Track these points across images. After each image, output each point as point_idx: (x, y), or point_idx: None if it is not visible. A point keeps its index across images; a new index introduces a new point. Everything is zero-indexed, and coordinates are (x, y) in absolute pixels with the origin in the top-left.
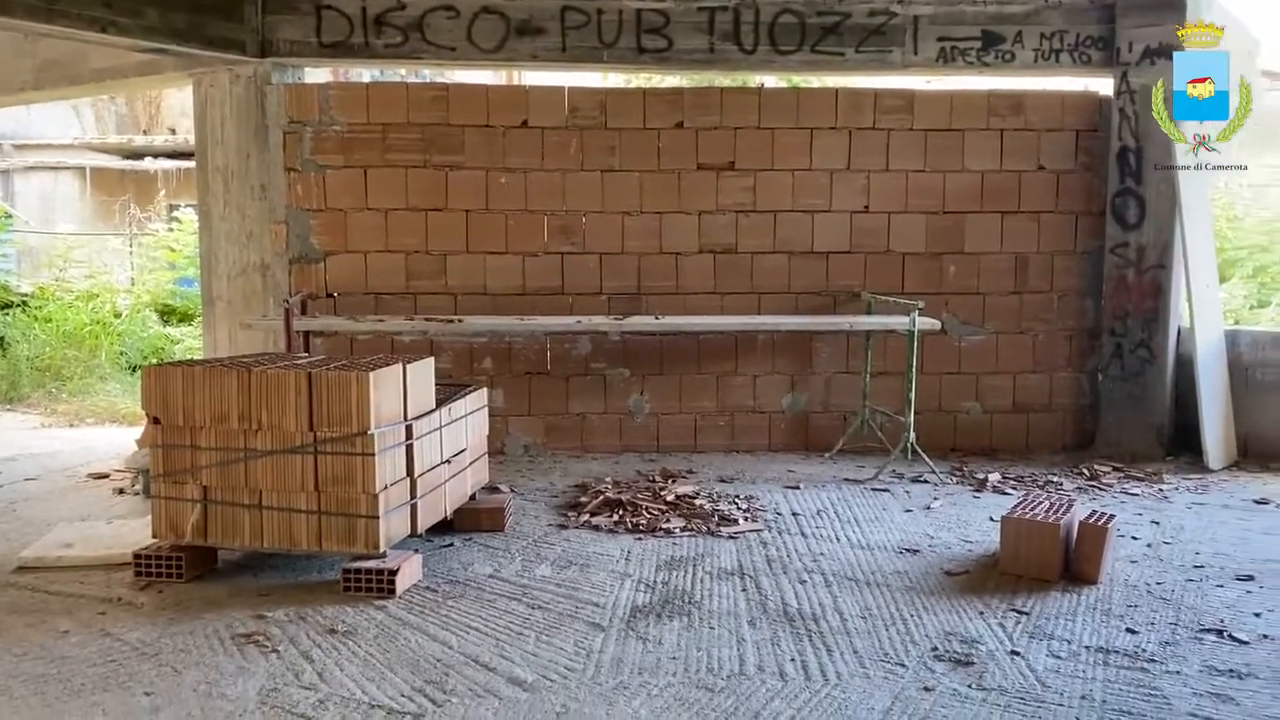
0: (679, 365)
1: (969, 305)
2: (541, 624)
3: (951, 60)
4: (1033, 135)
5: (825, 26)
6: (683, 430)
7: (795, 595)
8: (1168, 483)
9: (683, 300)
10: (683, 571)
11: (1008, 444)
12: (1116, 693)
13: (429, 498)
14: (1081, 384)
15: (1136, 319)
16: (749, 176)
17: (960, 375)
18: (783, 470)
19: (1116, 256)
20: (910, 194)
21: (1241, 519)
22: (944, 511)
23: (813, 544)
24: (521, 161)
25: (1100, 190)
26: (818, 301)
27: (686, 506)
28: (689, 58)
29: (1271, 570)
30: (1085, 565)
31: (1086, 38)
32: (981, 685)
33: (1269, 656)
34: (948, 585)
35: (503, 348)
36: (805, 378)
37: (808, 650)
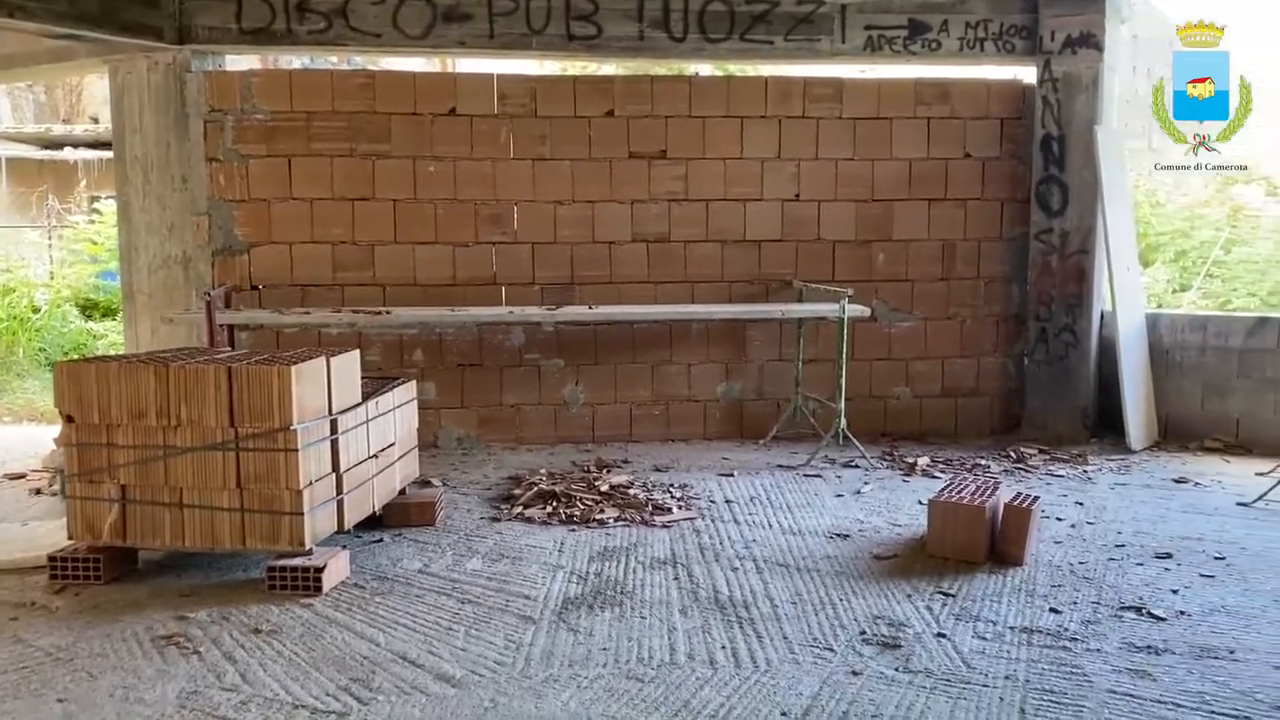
0: (614, 355)
1: (898, 292)
2: (471, 618)
3: (879, 49)
4: (959, 123)
5: (754, 15)
6: (618, 420)
7: (727, 583)
8: (1091, 464)
9: (617, 290)
10: (616, 562)
11: (937, 428)
12: (1039, 672)
13: (356, 493)
14: (1008, 368)
15: (1060, 304)
16: (681, 165)
17: (890, 361)
18: (717, 458)
19: (1041, 242)
20: (840, 182)
21: (1161, 498)
22: (874, 496)
23: (745, 531)
24: (450, 150)
25: (1025, 177)
26: (751, 290)
27: (621, 496)
28: (619, 45)
29: (1189, 548)
30: (1010, 547)
31: (1010, 26)
32: (908, 668)
33: (1185, 632)
34: (877, 569)
35: (434, 340)
36: (739, 366)
37: (738, 637)
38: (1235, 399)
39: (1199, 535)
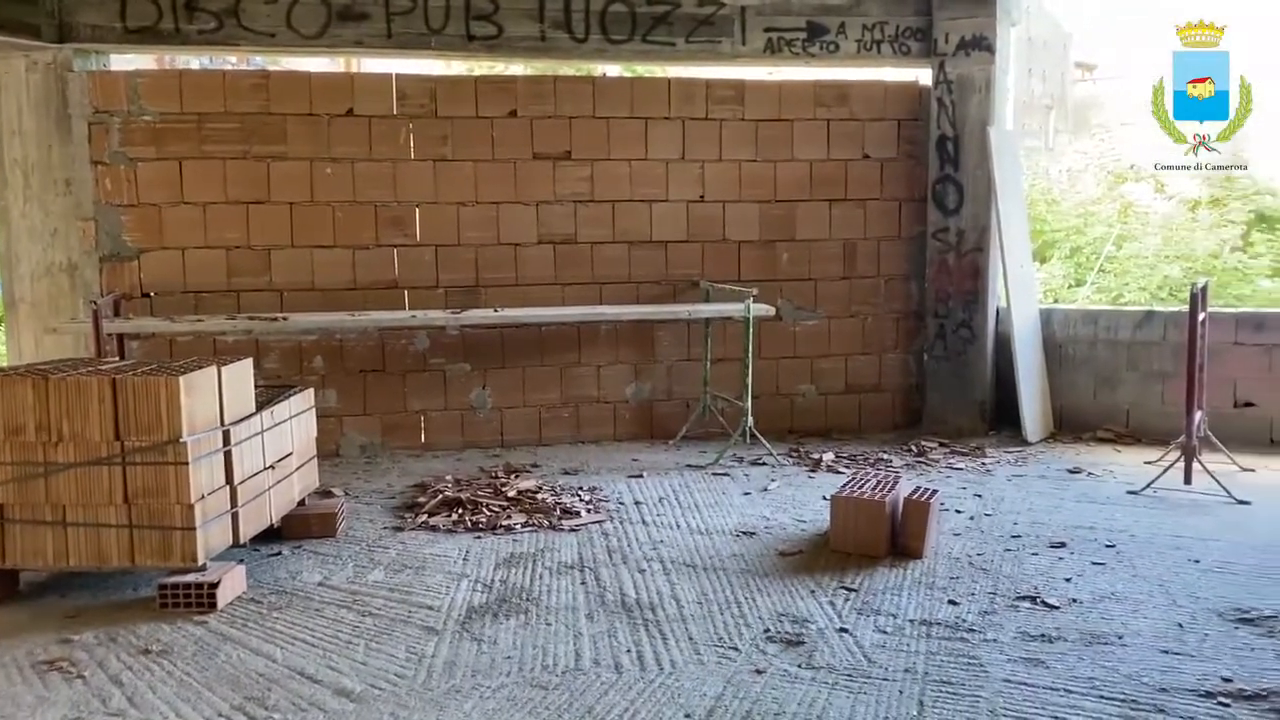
0: (521, 358)
1: (802, 291)
2: (372, 631)
3: (779, 51)
4: (858, 125)
5: (656, 16)
6: (527, 423)
7: (634, 585)
8: (989, 456)
9: (523, 292)
10: (522, 568)
11: (842, 424)
12: (938, 664)
13: (252, 505)
14: (909, 364)
15: (958, 300)
16: (586, 166)
17: (796, 359)
18: (627, 459)
19: (938, 241)
20: (743, 183)
21: (1056, 488)
22: (780, 493)
23: (653, 532)
24: (349, 151)
25: (922, 177)
26: (658, 290)
27: (528, 501)
28: (520, 45)
29: (1082, 536)
30: (911, 540)
31: (906, 29)
32: (811, 664)
33: (1076, 620)
34: (781, 566)
35: (334, 345)
36: (648, 366)
37: (644, 640)
38: (1125, 390)
39: (1091, 524)
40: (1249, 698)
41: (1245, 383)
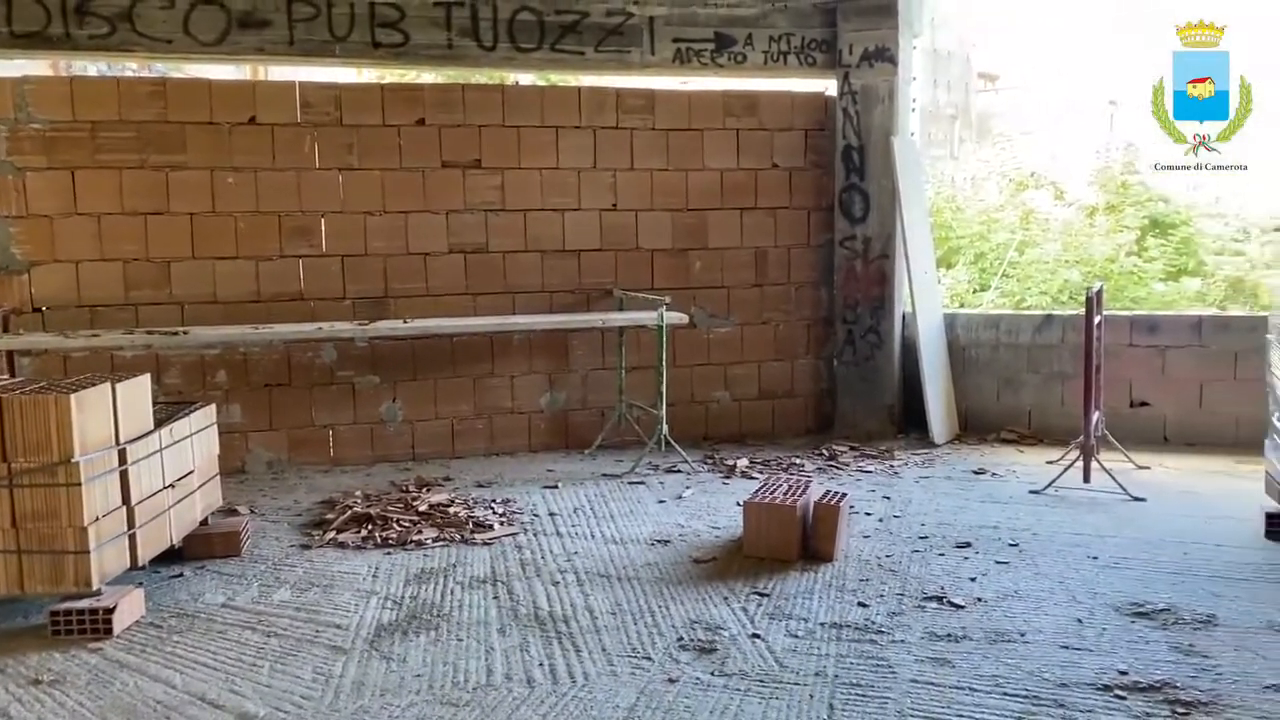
0: (433, 369)
1: (715, 298)
2: (278, 652)
3: (687, 61)
4: (766, 134)
5: (564, 25)
6: (439, 436)
7: (548, 598)
8: (898, 459)
9: (434, 302)
10: (433, 584)
11: (756, 430)
12: (848, 666)
13: (150, 526)
14: (820, 370)
15: (866, 306)
16: (497, 175)
17: (710, 366)
18: (542, 470)
19: (845, 249)
20: (655, 192)
21: (962, 489)
22: (695, 500)
23: (568, 543)
24: (251, 160)
25: (829, 186)
26: (571, 299)
27: (440, 515)
28: (427, 53)
29: (986, 536)
30: (822, 544)
31: (811, 40)
32: (723, 671)
33: (981, 619)
34: (695, 573)
35: (238, 359)
36: (563, 376)
37: (557, 653)
38: (1027, 392)
39: (995, 523)
40: (1143, 689)
41: (1140, 383)
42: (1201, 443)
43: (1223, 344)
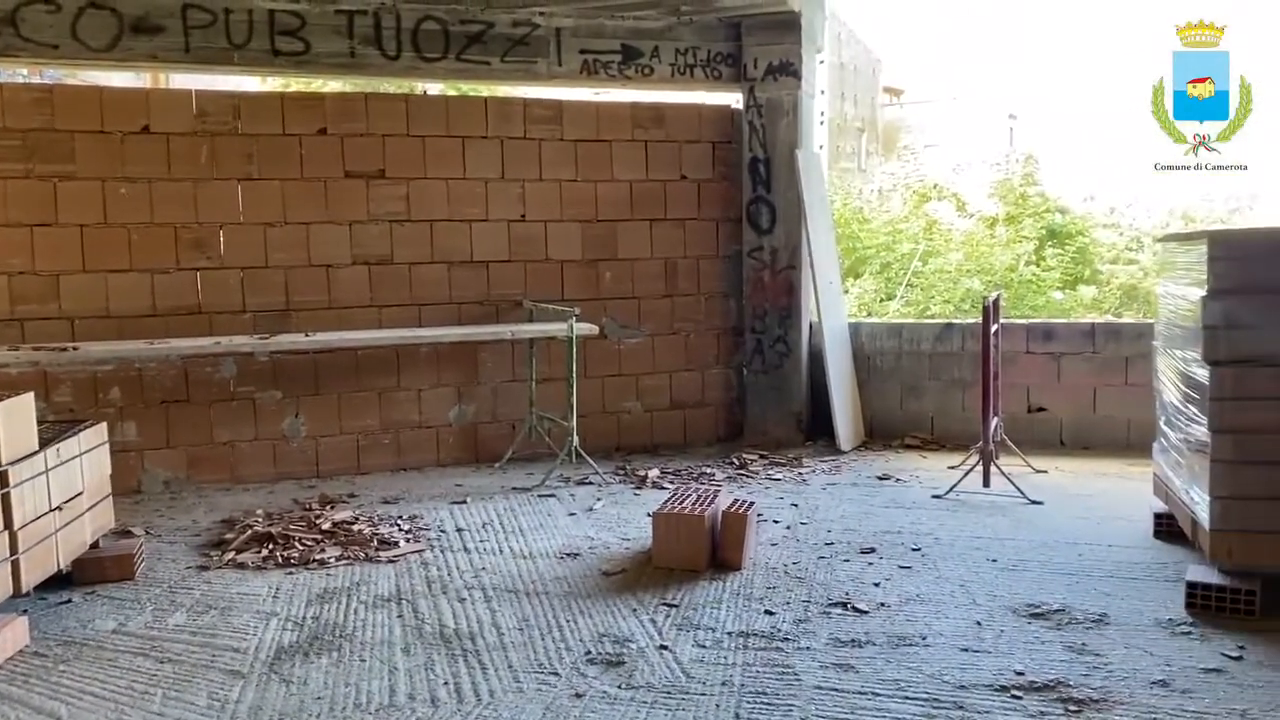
0: (337, 383)
1: (626, 309)
2: (171, 679)
3: (595, 72)
4: (674, 146)
5: (470, 35)
6: (344, 452)
7: (454, 615)
8: (806, 466)
9: (337, 315)
10: (336, 603)
11: (667, 440)
12: (754, 675)
13: (36, 551)
14: (730, 379)
15: (774, 316)
16: (402, 185)
17: (621, 377)
18: (451, 485)
19: (753, 259)
20: (564, 203)
21: (867, 495)
22: (606, 512)
23: (475, 559)
24: (144, 170)
25: (737, 197)
26: (480, 311)
27: (344, 533)
28: (329, 62)
29: (890, 541)
30: (730, 553)
31: (717, 54)
32: (630, 684)
33: (884, 623)
34: (605, 586)
35: (133, 375)
36: (471, 388)
37: (462, 671)
38: (929, 398)
39: (899, 529)
40: (1039, 689)
41: (1037, 389)
42: (1095, 445)
43: (1114, 350)
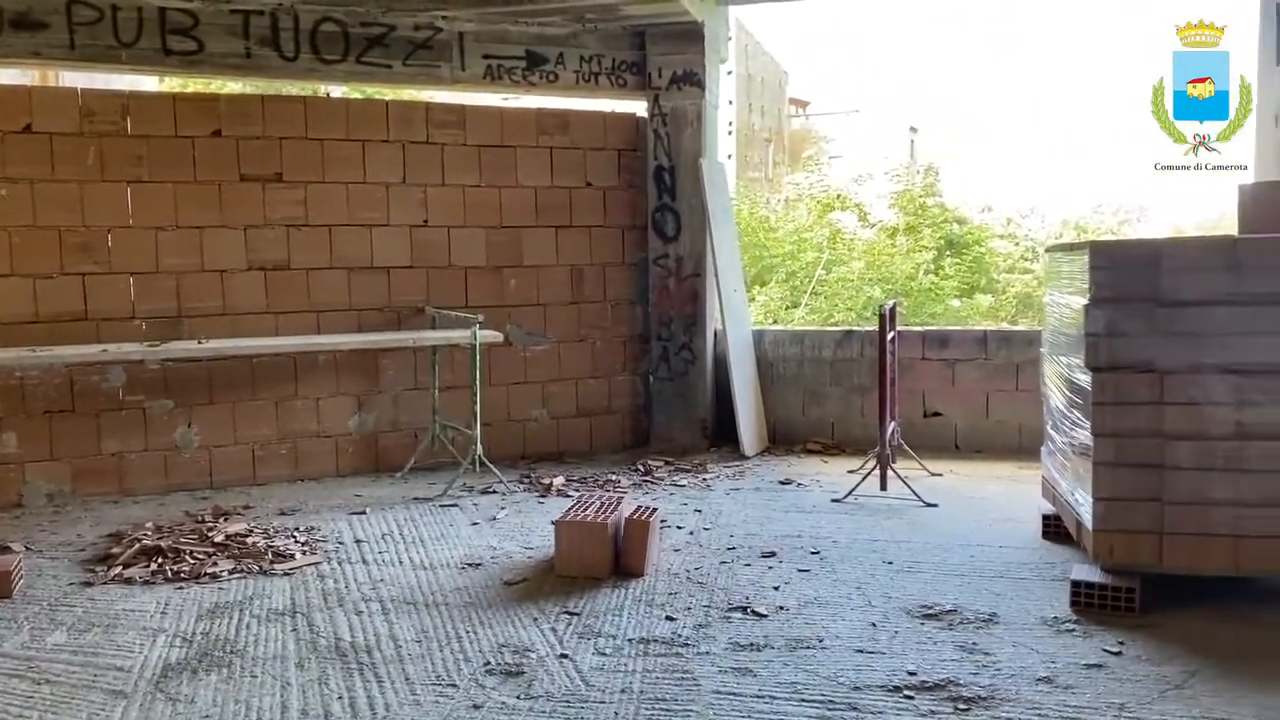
0: (232, 392)
1: (532, 316)
2: (49, 701)
3: (499, 78)
4: (580, 153)
5: (370, 38)
6: (239, 462)
7: (350, 628)
8: (710, 472)
9: (232, 322)
10: (227, 618)
11: (574, 447)
12: (653, 681)
13: None
14: (636, 386)
15: (679, 323)
16: (299, 189)
17: (527, 384)
18: (350, 495)
19: (659, 267)
20: (468, 209)
21: (769, 500)
22: (510, 521)
23: (374, 571)
24: (27, 171)
25: (643, 205)
26: (381, 318)
27: (238, 546)
28: (223, 62)
29: (790, 545)
30: (632, 559)
31: (622, 62)
32: (529, 694)
33: (783, 626)
34: (506, 596)
35: (13, 384)
36: (372, 397)
37: (357, 685)
38: (830, 404)
39: (799, 532)
40: (930, 688)
41: (932, 394)
42: (988, 449)
43: (1005, 357)
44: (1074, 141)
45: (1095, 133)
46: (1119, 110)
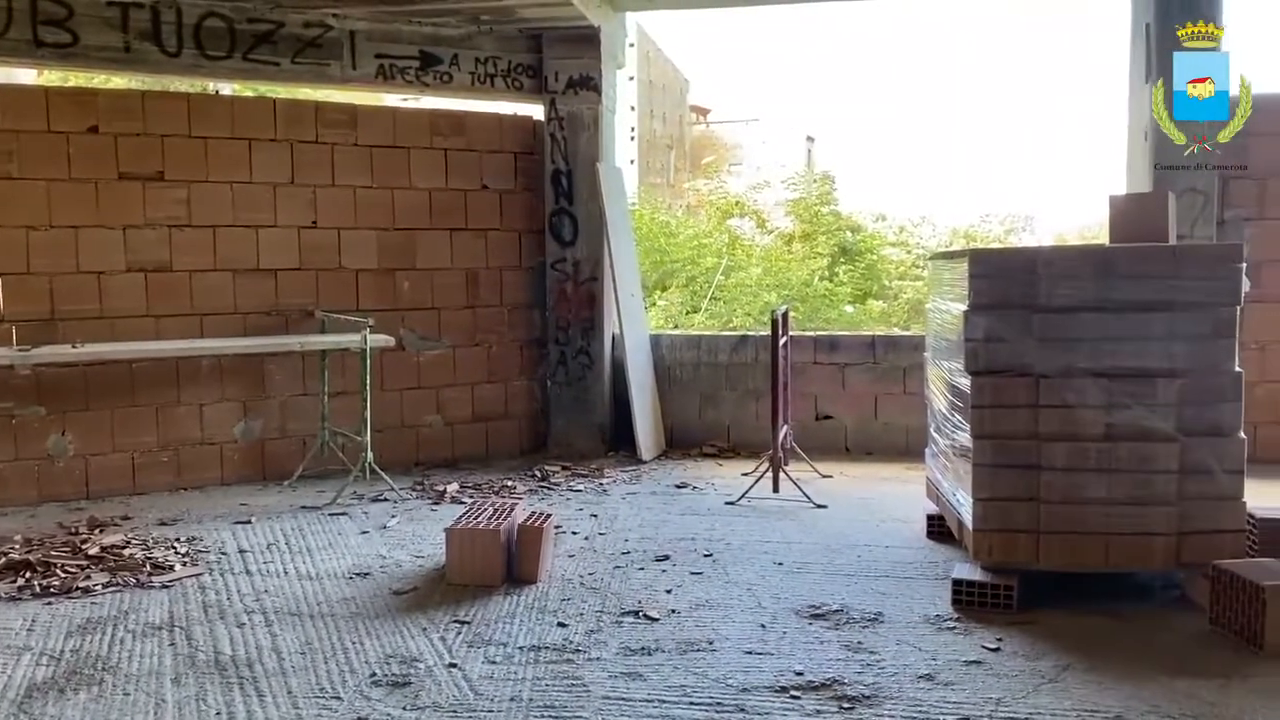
0: (109, 399)
1: (425, 320)
2: None
3: (391, 78)
4: (475, 155)
5: (258, 34)
6: (118, 471)
7: (231, 641)
8: (608, 476)
9: (109, 325)
10: (100, 634)
11: (469, 453)
12: (543, 689)
13: None
14: (534, 391)
15: (577, 328)
16: (182, 188)
17: (421, 390)
18: (235, 505)
19: (557, 271)
20: (359, 210)
21: (664, 504)
22: (400, 529)
23: (258, 581)
24: None
25: (540, 209)
26: (269, 321)
27: (114, 558)
28: (100, 56)
29: (684, 548)
30: (526, 566)
31: (518, 65)
32: (416, 705)
33: (674, 630)
34: (394, 605)
35: None
36: (259, 403)
37: (237, 700)
38: (726, 408)
39: (693, 535)
40: (816, 688)
41: (824, 397)
42: (878, 451)
43: (893, 361)
44: (967, 152)
45: (988, 144)
46: (1013, 121)
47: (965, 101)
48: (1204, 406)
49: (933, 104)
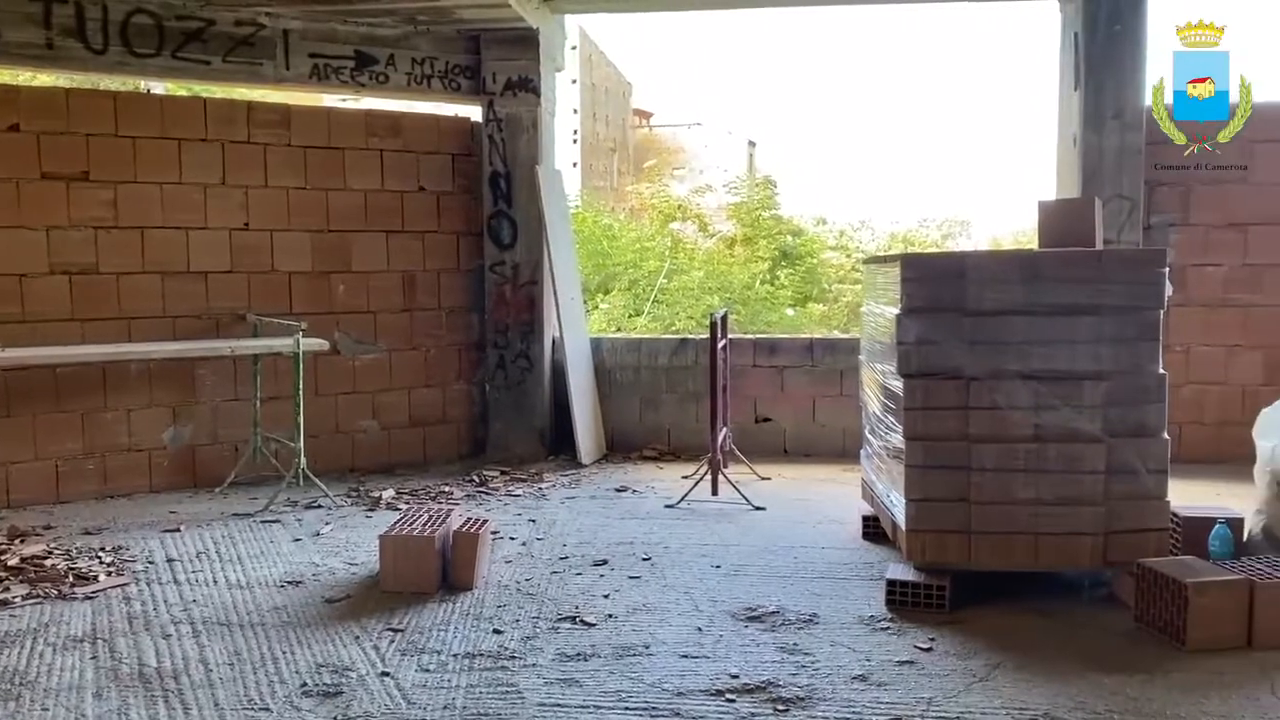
0: (31, 405)
1: (361, 324)
2: None
3: (326, 78)
4: (412, 157)
5: (187, 32)
6: (40, 480)
7: (156, 653)
8: (547, 481)
9: (32, 329)
10: (18, 648)
11: (406, 458)
12: (477, 697)
13: None
14: (472, 395)
15: (516, 331)
16: (109, 189)
17: (356, 394)
18: (164, 512)
19: (495, 274)
20: (293, 212)
21: (604, 508)
22: (334, 536)
23: (186, 591)
24: None
25: (478, 212)
26: (199, 325)
27: (35, 569)
28: (21, 53)
29: (623, 552)
30: (461, 572)
31: (455, 66)
32: (347, 715)
33: (610, 635)
34: (327, 614)
35: None
36: (189, 408)
37: (161, 714)
38: (666, 411)
39: (632, 539)
40: (751, 690)
41: (763, 400)
42: (815, 453)
43: (830, 364)
44: (907, 157)
45: (928, 149)
46: (952, 127)
47: (905, 107)
48: (1129, 408)
49: (873, 109)
